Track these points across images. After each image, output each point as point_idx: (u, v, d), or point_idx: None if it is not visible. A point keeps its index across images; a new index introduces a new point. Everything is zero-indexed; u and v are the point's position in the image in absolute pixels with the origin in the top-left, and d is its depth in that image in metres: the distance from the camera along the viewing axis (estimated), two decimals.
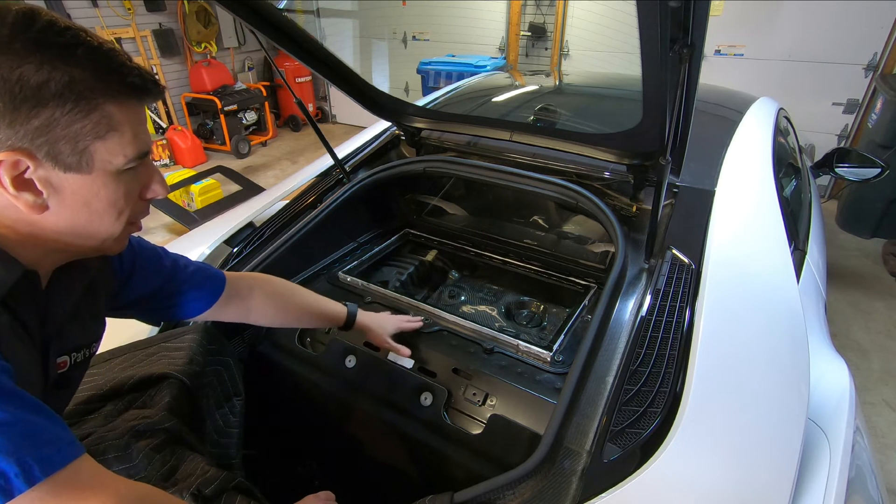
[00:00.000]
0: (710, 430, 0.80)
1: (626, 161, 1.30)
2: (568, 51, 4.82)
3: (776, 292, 1.05)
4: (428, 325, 1.22)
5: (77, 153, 0.53)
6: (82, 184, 0.55)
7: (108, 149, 0.55)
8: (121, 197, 0.59)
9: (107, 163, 0.55)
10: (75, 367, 0.72)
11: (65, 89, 0.50)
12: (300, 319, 1.08)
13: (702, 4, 0.74)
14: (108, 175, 0.56)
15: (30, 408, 0.50)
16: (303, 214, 1.49)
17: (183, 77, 5.26)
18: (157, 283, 0.85)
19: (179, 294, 0.88)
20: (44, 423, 0.51)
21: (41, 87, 0.49)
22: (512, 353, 1.13)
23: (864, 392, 2.33)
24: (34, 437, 0.49)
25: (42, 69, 0.49)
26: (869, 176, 2.14)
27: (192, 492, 0.77)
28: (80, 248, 0.62)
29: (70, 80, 0.50)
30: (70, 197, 0.55)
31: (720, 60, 4.24)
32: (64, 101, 0.50)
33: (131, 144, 0.57)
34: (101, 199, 0.57)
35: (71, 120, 0.51)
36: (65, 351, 0.69)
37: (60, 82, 0.50)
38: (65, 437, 0.52)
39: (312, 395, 1.22)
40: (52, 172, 0.53)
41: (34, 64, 0.48)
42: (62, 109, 0.50)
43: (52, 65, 0.49)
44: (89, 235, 0.60)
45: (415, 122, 1.67)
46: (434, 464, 1.06)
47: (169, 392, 0.95)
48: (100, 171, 0.55)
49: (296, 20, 1.25)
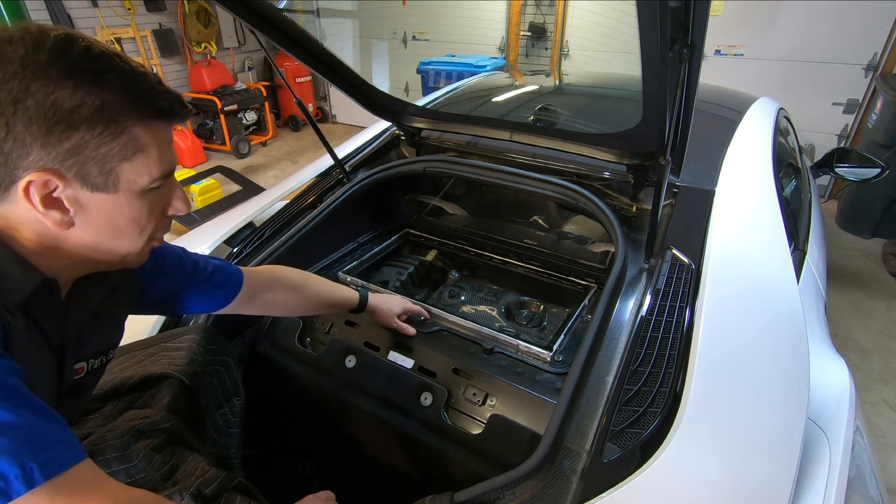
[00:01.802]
0: (710, 430, 0.80)
1: (626, 161, 1.30)
2: (568, 51, 4.82)
3: (776, 292, 1.05)
4: (428, 324, 1.22)
5: (104, 174, 0.55)
6: (108, 202, 0.57)
7: (134, 169, 0.56)
8: (144, 214, 0.60)
9: (132, 182, 0.57)
10: (91, 374, 0.73)
11: (95, 113, 0.52)
12: (320, 307, 1.11)
13: (702, 4, 0.74)
14: (133, 194, 0.58)
15: (36, 410, 0.51)
16: (303, 214, 1.49)
17: (183, 77, 5.26)
18: (178, 284, 0.87)
19: (198, 294, 0.90)
20: (48, 426, 0.51)
21: (73, 112, 0.50)
22: (512, 353, 1.13)
23: (864, 392, 2.33)
24: (38, 440, 0.49)
25: (76, 94, 0.50)
26: (869, 176, 2.14)
27: (192, 492, 0.77)
28: (101, 263, 0.63)
29: (101, 105, 0.52)
30: (96, 215, 0.57)
31: (720, 60, 4.24)
32: (94, 124, 0.52)
33: (156, 164, 0.58)
34: (125, 216, 0.59)
35: (100, 143, 0.53)
36: (83, 357, 0.70)
37: (92, 107, 0.51)
38: (67, 442, 0.52)
39: (312, 395, 1.22)
40: (80, 192, 0.55)
41: (69, 89, 0.50)
42: (92, 133, 0.52)
43: (85, 90, 0.51)
44: (111, 251, 0.61)
45: (415, 122, 1.67)
46: (434, 464, 1.06)
47: (169, 392, 0.95)
48: (125, 190, 0.57)
49: (296, 20, 1.25)
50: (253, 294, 0.97)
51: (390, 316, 1.17)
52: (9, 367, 0.51)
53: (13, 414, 0.48)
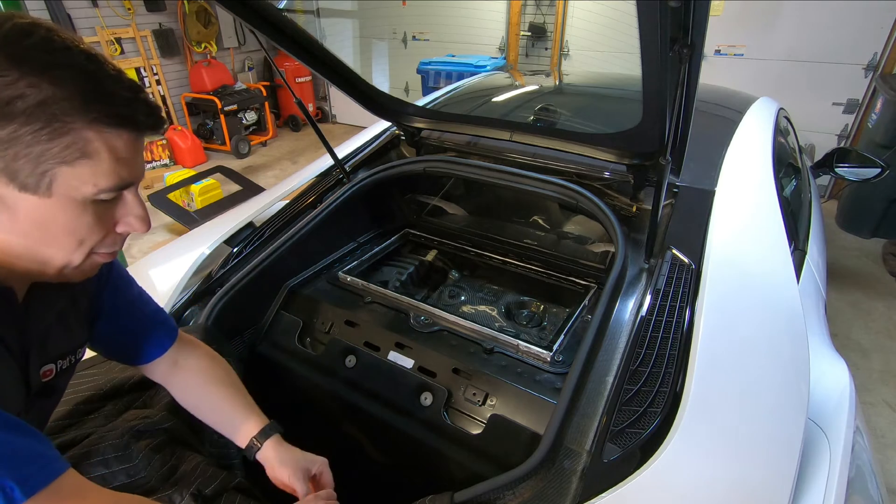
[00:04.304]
0: (710, 430, 0.80)
1: (626, 161, 1.30)
2: (568, 51, 4.83)
3: (776, 292, 1.05)
4: (428, 324, 1.22)
5: (37, 175, 0.50)
6: (38, 206, 0.52)
7: (75, 175, 0.51)
8: (84, 225, 0.55)
9: (72, 189, 0.52)
10: (61, 375, 0.71)
11: (37, 108, 0.48)
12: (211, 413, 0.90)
13: (702, 4, 0.74)
14: (72, 202, 0.53)
15: (9, 427, 0.49)
16: (303, 214, 1.49)
17: (183, 77, 5.26)
18: (121, 301, 0.81)
19: (142, 331, 0.83)
20: (24, 441, 0.50)
21: (10, 102, 0.47)
22: (512, 353, 1.13)
23: (864, 392, 2.33)
24: (15, 458, 0.48)
25: (17, 84, 0.47)
26: (869, 176, 2.14)
27: (192, 492, 0.77)
28: (38, 273, 0.58)
29: (44, 100, 0.48)
30: (23, 217, 0.52)
31: (720, 60, 4.24)
32: (32, 119, 0.48)
33: (107, 175, 0.53)
34: (58, 224, 0.54)
35: (35, 140, 0.48)
36: (50, 359, 0.67)
37: (32, 100, 0.47)
38: (47, 455, 0.51)
39: (312, 395, 1.22)
40: (7, 189, 0.50)
41: (10, 78, 0.47)
42: (29, 128, 0.48)
43: (28, 81, 0.47)
44: (44, 261, 0.57)
45: (415, 122, 1.67)
46: (434, 464, 1.06)
47: (169, 392, 0.94)
48: (62, 196, 0.52)
49: (296, 20, 1.25)
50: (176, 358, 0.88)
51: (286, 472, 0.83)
52: None
53: None
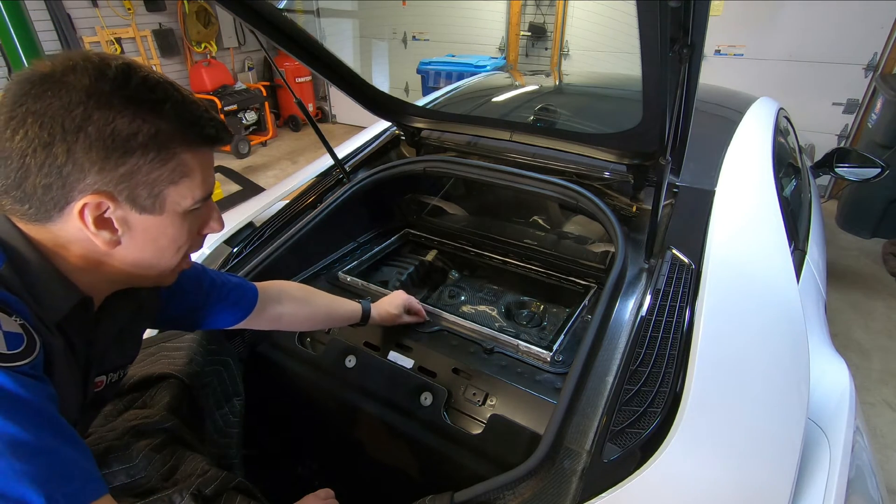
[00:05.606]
0: (710, 431, 0.80)
1: (626, 161, 1.30)
2: (568, 51, 4.82)
3: (776, 292, 1.05)
4: (428, 324, 1.22)
5: (153, 196, 0.58)
6: (153, 223, 0.60)
7: (179, 192, 0.60)
8: (184, 234, 0.64)
9: (176, 204, 0.60)
10: (109, 387, 0.74)
11: (150, 141, 0.55)
12: (325, 320, 1.12)
13: (702, 4, 0.73)
14: (176, 215, 0.61)
15: (68, 440, 0.51)
16: (303, 214, 1.48)
17: (183, 77, 5.26)
18: (196, 302, 0.89)
19: (215, 312, 0.92)
20: (77, 456, 0.51)
21: (130, 139, 0.53)
22: (512, 353, 1.13)
23: (864, 392, 2.33)
24: (66, 470, 0.49)
25: (134, 122, 0.53)
26: (869, 176, 2.14)
27: (192, 492, 0.77)
28: (138, 278, 0.66)
29: (156, 133, 0.55)
30: (141, 234, 0.60)
31: (720, 60, 4.24)
32: (148, 151, 0.55)
33: (199, 188, 0.62)
34: (167, 236, 0.62)
35: (152, 168, 0.56)
36: (103, 371, 0.71)
37: (147, 134, 0.54)
38: (93, 474, 0.53)
39: (312, 395, 1.22)
40: (130, 213, 0.58)
41: (127, 117, 0.53)
42: (145, 158, 0.55)
43: (142, 118, 0.54)
44: (150, 267, 0.64)
45: (415, 122, 1.67)
46: (434, 464, 1.06)
47: (169, 392, 0.95)
48: (169, 212, 0.60)
49: (296, 20, 1.25)
50: (263, 308, 0.99)
51: (397, 318, 1.19)
52: (48, 393, 0.52)
53: (46, 441, 0.48)
